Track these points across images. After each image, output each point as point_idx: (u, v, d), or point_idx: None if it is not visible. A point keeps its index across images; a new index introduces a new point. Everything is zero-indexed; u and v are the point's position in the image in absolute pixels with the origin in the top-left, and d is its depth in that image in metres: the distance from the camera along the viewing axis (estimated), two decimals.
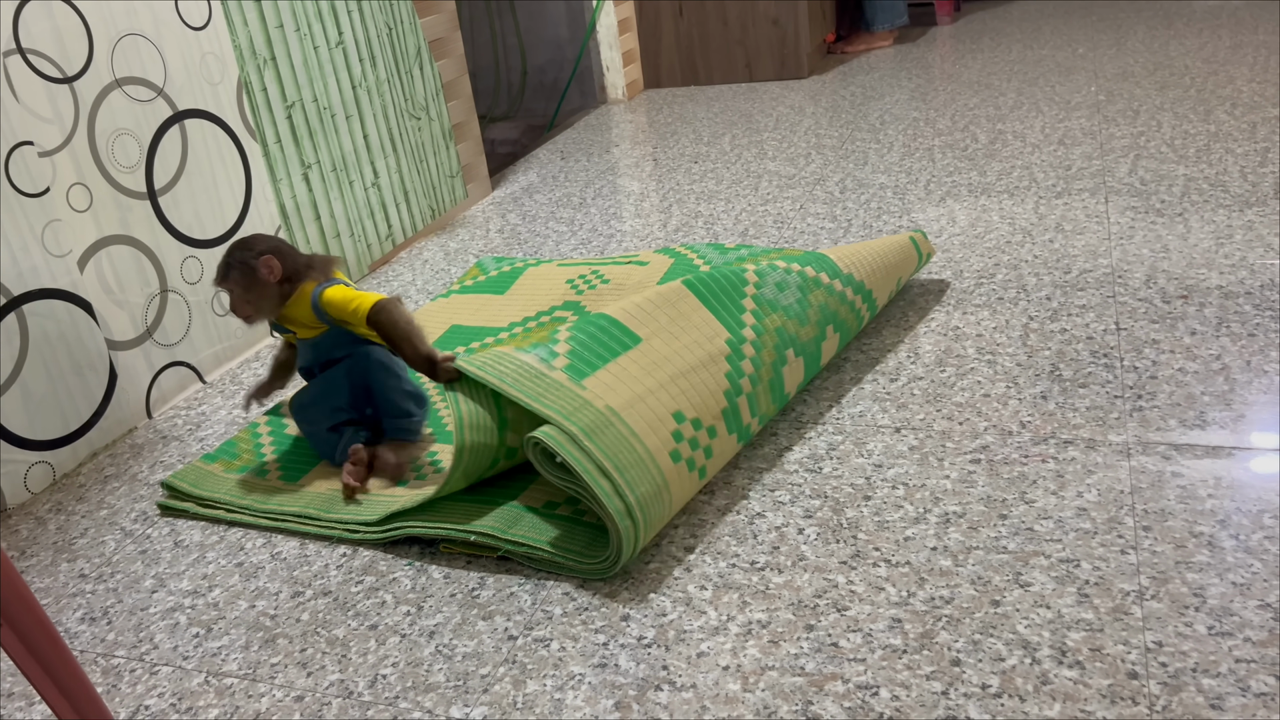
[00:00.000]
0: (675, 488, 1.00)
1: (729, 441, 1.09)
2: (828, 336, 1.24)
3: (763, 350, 1.15)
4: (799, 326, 1.20)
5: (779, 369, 1.16)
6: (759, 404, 1.13)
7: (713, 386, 1.08)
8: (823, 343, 1.24)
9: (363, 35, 1.86)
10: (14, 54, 1.24)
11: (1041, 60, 2.86)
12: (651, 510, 0.96)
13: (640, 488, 0.96)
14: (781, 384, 1.17)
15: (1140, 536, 0.94)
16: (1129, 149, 2.00)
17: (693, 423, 1.04)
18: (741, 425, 1.10)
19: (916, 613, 0.88)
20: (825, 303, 1.25)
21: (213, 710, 0.88)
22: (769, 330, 1.17)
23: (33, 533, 1.20)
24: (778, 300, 1.20)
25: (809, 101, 2.79)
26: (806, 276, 1.25)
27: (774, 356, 1.16)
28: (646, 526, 0.96)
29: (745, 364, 1.12)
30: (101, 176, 1.35)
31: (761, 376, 1.13)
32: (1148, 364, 1.22)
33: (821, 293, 1.25)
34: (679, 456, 1.01)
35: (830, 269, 1.29)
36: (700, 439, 1.04)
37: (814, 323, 1.22)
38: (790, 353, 1.18)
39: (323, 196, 1.77)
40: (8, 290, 1.23)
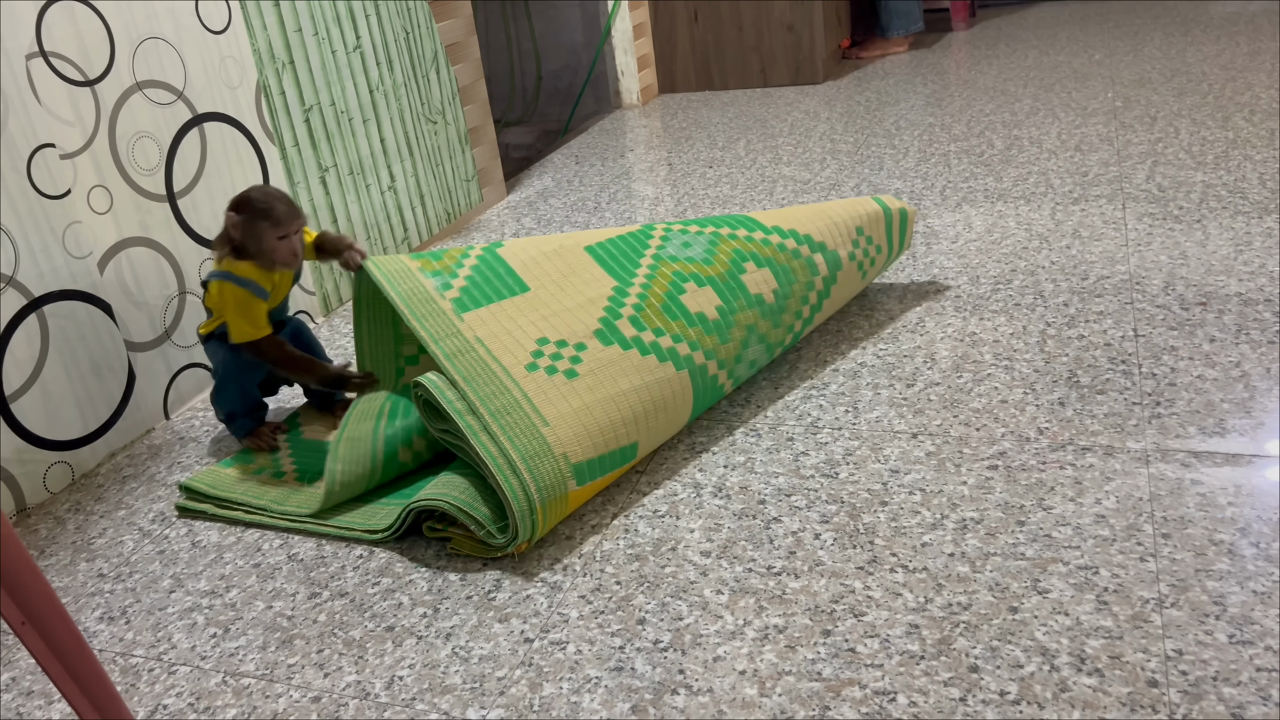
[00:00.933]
0: (532, 391, 1.06)
1: (609, 351, 1.12)
2: (748, 271, 1.26)
3: (652, 288, 1.20)
4: (703, 267, 1.24)
5: (674, 297, 1.20)
6: (647, 322, 1.16)
7: (585, 318, 1.15)
8: (741, 275, 1.25)
9: (380, 40, 1.86)
10: (36, 56, 1.25)
11: (1058, 66, 2.85)
12: (506, 416, 1.04)
13: (493, 400, 1.05)
14: (681, 306, 1.19)
15: (1159, 544, 0.93)
16: (1146, 155, 1.99)
17: (556, 343, 1.12)
18: (623, 338, 1.14)
19: (934, 619, 0.88)
20: (739, 248, 1.28)
21: (230, 710, 0.89)
22: (662, 275, 1.22)
23: (52, 532, 1.21)
24: (679, 255, 1.26)
25: (824, 107, 2.79)
26: (720, 235, 1.30)
27: (666, 290, 1.20)
28: (501, 428, 1.02)
29: (629, 299, 1.18)
30: (122, 179, 1.36)
31: (649, 304, 1.18)
32: (1166, 371, 1.21)
33: (734, 242, 1.29)
34: (535, 368, 1.09)
35: (749, 225, 1.33)
36: (563, 353, 1.11)
37: (723, 262, 1.26)
38: (690, 285, 1.22)
39: (340, 199, 1.78)
40: (29, 291, 1.24)
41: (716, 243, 1.28)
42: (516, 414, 1.04)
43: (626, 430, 1.10)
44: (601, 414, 1.08)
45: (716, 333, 1.20)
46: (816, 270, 1.33)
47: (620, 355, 1.12)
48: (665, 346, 1.16)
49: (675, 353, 1.16)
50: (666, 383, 1.15)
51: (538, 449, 1.03)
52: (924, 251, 1.68)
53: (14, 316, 1.22)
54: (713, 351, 1.20)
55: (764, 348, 1.28)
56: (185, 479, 1.25)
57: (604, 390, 1.09)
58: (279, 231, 1.20)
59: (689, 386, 1.17)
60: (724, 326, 1.21)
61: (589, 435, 1.06)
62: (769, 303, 1.27)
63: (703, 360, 1.19)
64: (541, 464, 1.02)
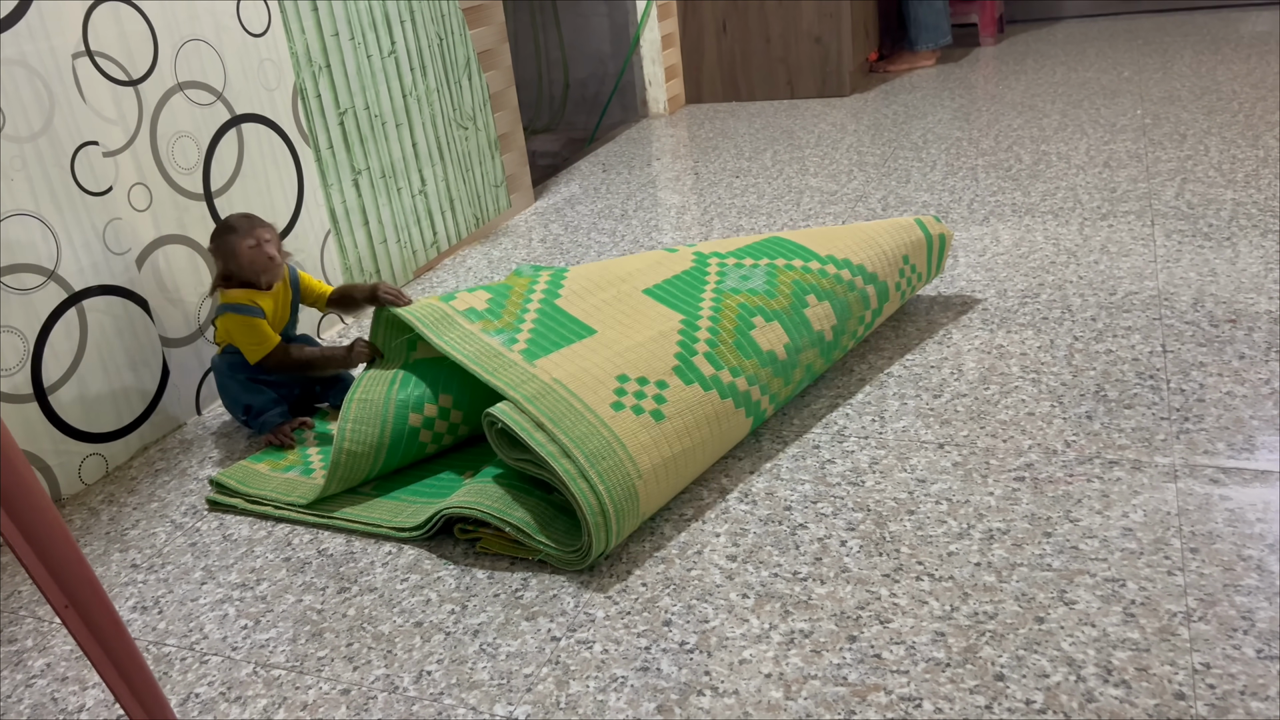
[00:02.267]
0: (624, 434, 1.03)
1: (690, 391, 1.11)
2: (810, 305, 1.26)
3: (721, 320, 1.19)
4: (767, 300, 1.24)
5: (745, 332, 1.19)
6: (724, 359, 1.15)
7: (661, 353, 1.14)
8: (804, 310, 1.25)
9: (414, 45, 1.89)
10: (83, 56, 1.27)
11: (1086, 83, 2.85)
12: (602, 463, 1.00)
13: (587, 444, 1.01)
14: (753, 343, 1.18)
15: (1187, 558, 0.93)
16: (1175, 172, 1.99)
17: (637, 380, 1.09)
18: (703, 376, 1.13)
19: (960, 627, 0.88)
20: (799, 279, 1.28)
21: (261, 700, 0.90)
22: (728, 307, 1.22)
23: (86, 523, 1.22)
24: (740, 287, 1.25)
25: (851, 119, 2.80)
26: (776, 266, 1.30)
27: (735, 324, 1.19)
28: (599, 476, 0.99)
29: (700, 333, 1.17)
30: (161, 177, 1.39)
31: (723, 339, 1.17)
32: (1195, 387, 1.21)
33: (792, 274, 1.29)
34: (621, 406, 1.06)
35: (804, 254, 1.33)
36: (646, 390, 1.09)
37: (785, 295, 1.25)
38: (758, 319, 1.21)
39: (371, 202, 1.80)
40: (69, 285, 1.26)
41: (775, 274, 1.28)
42: (611, 460, 1.01)
43: (696, 472, 1.11)
44: (682, 467, 1.08)
45: (782, 375, 1.20)
46: (868, 304, 1.33)
47: (702, 397, 1.11)
48: (741, 390, 1.15)
49: (748, 397, 1.16)
50: (737, 429, 1.16)
51: (630, 508, 1.01)
52: (951, 264, 1.68)
53: (54, 310, 1.25)
54: (776, 395, 1.20)
55: (811, 376, 1.29)
56: (216, 474, 1.26)
57: (690, 439, 1.08)
58: (246, 240, 1.28)
59: (748, 429, 1.18)
60: (789, 366, 1.21)
61: (666, 491, 1.07)
62: (828, 340, 1.27)
63: (768, 405, 1.20)
64: (628, 523, 1.02)
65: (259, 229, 1.29)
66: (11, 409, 1.20)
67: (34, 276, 1.22)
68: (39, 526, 0.69)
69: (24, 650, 1.01)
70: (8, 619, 1.06)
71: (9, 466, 0.68)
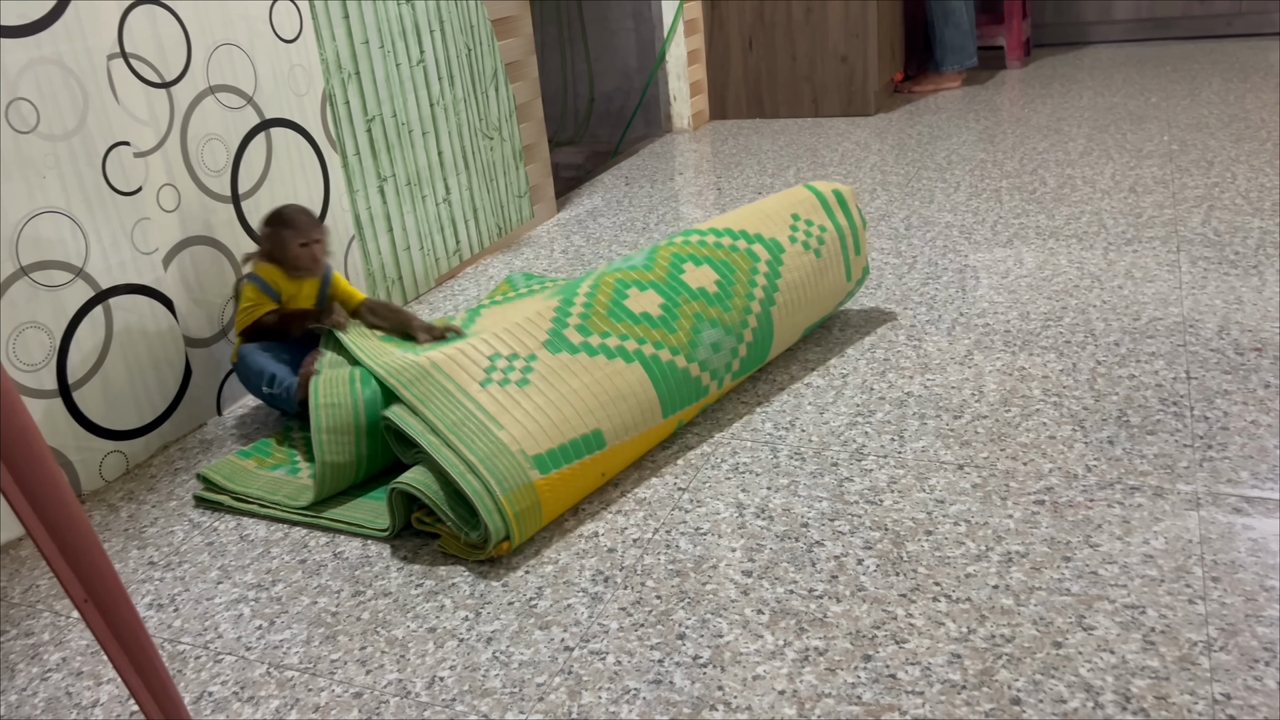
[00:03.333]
0: (485, 402, 1.12)
1: (557, 358, 1.18)
2: (687, 270, 1.32)
3: (596, 296, 1.26)
4: (643, 273, 1.30)
5: (618, 302, 1.25)
6: (594, 327, 1.22)
7: (534, 330, 1.21)
8: (681, 275, 1.31)
9: (443, 55, 1.90)
10: (117, 57, 1.29)
11: (1113, 108, 2.84)
12: (462, 428, 1.09)
13: (448, 415, 1.10)
14: (625, 310, 1.24)
15: (1209, 587, 0.92)
16: (1202, 199, 1.97)
17: (508, 357, 1.17)
18: (571, 344, 1.19)
19: (976, 649, 0.87)
20: (677, 251, 1.34)
21: (274, 701, 0.90)
22: (605, 284, 1.28)
23: (105, 519, 1.23)
24: (620, 266, 1.31)
25: (875, 139, 2.80)
26: (658, 245, 1.36)
27: (610, 297, 1.26)
28: (460, 439, 1.07)
29: (574, 309, 1.24)
30: (190, 179, 1.40)
31: (595, 311, 1.23)
32: (1219, 415, 1.20)
33: (672, 248, 1.35)
34: (489, 382, 1.14)
35: (685, 232, 1.39)
36: (515, 364, 1.17)
37: (662, 266, 1.31)
38: (633, 290, 1.27)
39: (396, 209, 1.82)
40: (97, 283, 1.28)
41: (655, 251, 1.35)
42: (472, 423, 1.10)
43: (584, 420, 1.15)
44: (554, 411, 1.14)
45: (663, 326, 1.25)
46: (757, 257, 1.38)
47: (570, 359, 1.18)
48: (613, 346, 1.21)
49: (624, 350, 1.21)
50: (618, 374, 1.20)
51: (493, 449, 1.08)
52: (973, 285, 1.67)
53: (81, 307, 1.26)
54: (661, 341, 1.24)
55: (722, 330, 1.30)
56: (203, 468, 1.28)
57: (555, 391, 1.15)
58: (300, 238, 1.33)
59: (644, 376, 1.21)
60: (669, 319, 1.27)
61: (544, 430, 1.12)
62: (712, 292, 1.31)
63: (653, 351, 1.23)
64: (499, 462, 1.07)
65: (315, 229, 1.35)
66: (36, 404, 1.22)
67: (62, 273, 1.24)
68: (63, 521, 0.70)
69: (40, 644, 1.01)
70: (25, 613, 1.07)
71: (36, 461, 0.68)
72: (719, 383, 1.30)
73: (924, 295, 1.66)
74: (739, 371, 1.33)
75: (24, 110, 1.18)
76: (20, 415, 0.67)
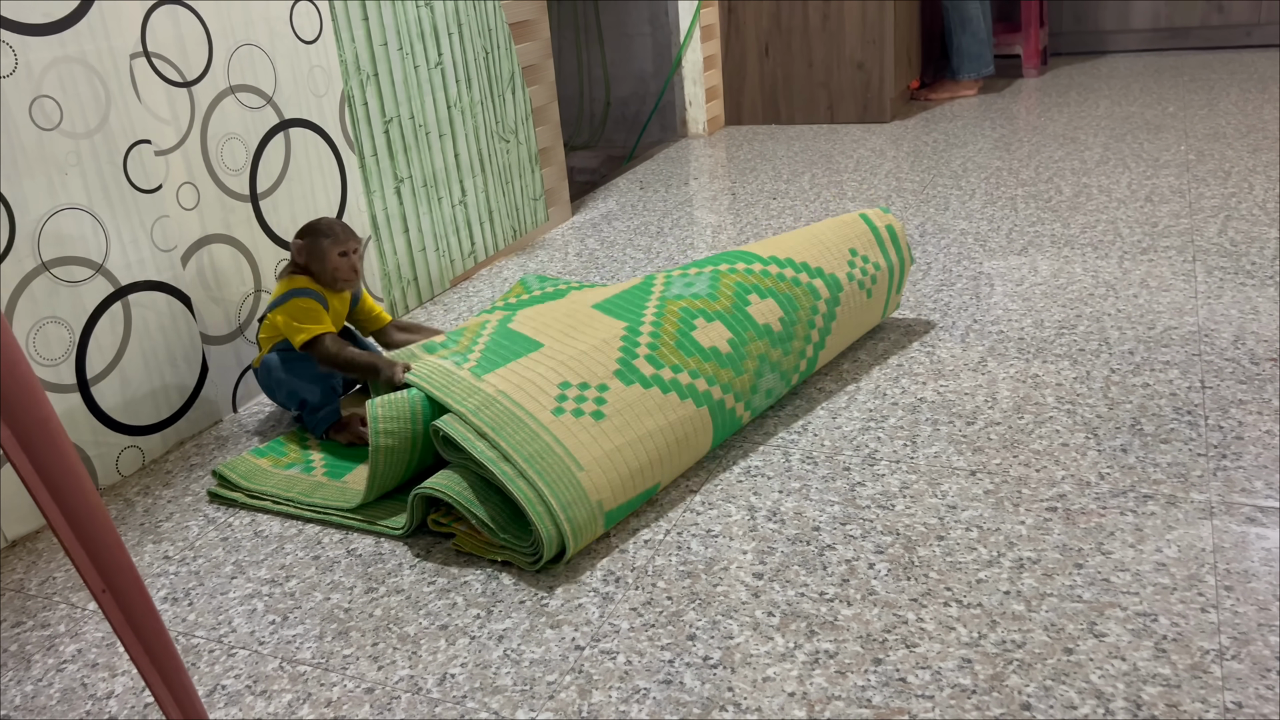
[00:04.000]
0: (562, 435, 1.09)
1: (630, 390, 1.15)
2: (753, 303, 1.30)
3: (663, 325, 1.23)
4: (709, 303, 1.27)
5: (686, 334, 1.23)
6: (664, 359, 1.19)
7: (603, 359, 1.18)
8: (747, 308, 1.29)
9: (461, 58, 1.91)
10: (140, 56, 1.30)
11: (1130, 117, 2.83)
12: (540, 462, 1.05)
13: (526, 448, 1.06)
14: (694, 342, 1.22)
15: (1222, 596, 0.92)
16: (1219, 209, 1.97)
17: (579, 385, 1.14)
18: (643, 376, 1.17)
19: (987, 654, 0.87)
20: (741, 280, 1.32)
21: (286, 695, 0.91)
22: (670, 312, 1.25)
23: (121, 514, 1.24)
24: (684, 294, 1.29)
25: (890, 145, 2.80)
26: (720, 271, 1.33)
27: (677, 327, 1.23)
28: (538, 474, 1.04)
29: (642, 338, 1.21)
30: (210, 177, 1.41)
31: (664, 341, 1.21)
32: (1233, 424, 1.20)
33: (735, 276, 1.32)
34: (561, 411, 1.11)
35: (746, 258, 1.37)
36: (587, 394, 1.13)
37: (727, 296, 1.29)
38: (700, 320, 1.25)
39: (412, 210, 1.83)
40: (116, 280, 1.29)
41: (718, 279, 1.31)
42: (550, 458, 1.06)
43: (653, 471, 1.13)
44: (631, 456, 1.11)
45: (731, 366, 1.23)
46: (818, 295, 1.36)
47: (642, 394, 1.15)
48: (685, 383, 1.18)
49: (694, 389, 1.19)
50: (689, 420, 1.17)
51: (575, 496, 1.05)
52: (988, 292, 1.67)
53: (101, 303, 1.27)
54: (729, 385, 1.22)
55: (778, 375, 1.30)
56: (218, 465, 1.29)
57: (632, 431, 1.12)
58: (339, 248, 1.32)
59: (709, 423, 1.20)
60: (737, 359, 1.24)
61: (620, 481, 1.09)
62: (777, 331, 1.29)
63: (720, 395, 1.21)
64: (578, 512, 1.05)
65: (353, 240, 1.34)
66: (55, 398, 1.23)
67: (83, 269, 1.25)
68: (82, 511, 0.71)
69: (56, 635, 1.02)
70: (41, 604, 1.08)
71: (57, 452, 0.69)
72: (751, 413, 1.29)
73: (938, 302, 1.66)
74: (762, 408, 1.32)
75: (47, 108, 1.20)
76: (42, 406, 0.68)
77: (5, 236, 1.16)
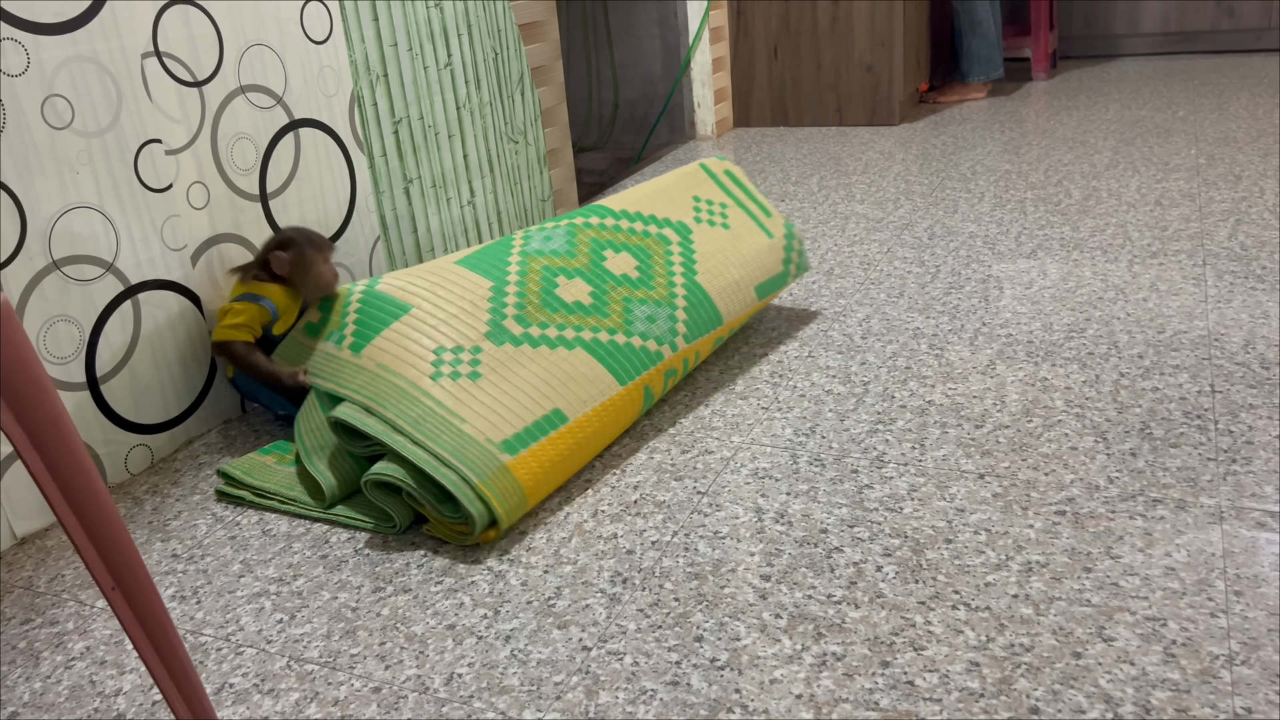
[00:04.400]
0: (442, 397, 1.14)
1: (502, 350, 1.21)
2: (608, 258, 1.38)
3: (527, 284, 1.29)
4: (568, 260, 1.34)
5: (550, 291, 1.29)
6: (531, 318, 1.26)
7: (473, 321, 1.23)
8: (603, 263, 1.36)
9: (470, 59, 1.92)
10: (151, 56, 1.31)
11: (1140, 121, 2.83)
12: (425, 424, 1.11)
13: (408, 412, 1.12)
14: (558, 299, 1.29)
15: (1231, 601, 0.91)
16: (1229, 214, 1.96)
17: (453, 349, 1.19)
18: (513, 336, 1.23)
19: (995, 658, 0.87)
20: (595, 236, 1.40)
21: (293, 694, 0.91)
22: (533, 270, 1.31)
23: (130, 512, 1.25)
24: (544, 249, 1.35)
25: (899, 148, 2.79)
26: (575, 225, 1.40)
27: (540, 286, 1.30)
28: (425, 435, 1.10)
29: (509, 298, 1.26)
30: (220, 177, 1.42)
31: (529, 300, 1.27)
32: (1244, 429, 1.19)
33: (590, 232, 1.40)
34: (439, 375, 1.16)
35: (600, 212, 1.44)
36: (462, 357, 1.19)
37: (584, 253, 1.36)
38: (560, 278, 1.31)
39: (421, 211, 1.83)
40: (126, 278, 1.29)
41: (574, 233, 1.39)
42: (434, 420, 1.12)
43: (540, 404, 1.19)
44: (510, 400, 1.18)
45: (595, 313, 1.31)
46: (668, 240, 1.45)
47: (514, 351, 1.22)
48: (553, 336, 1.26)
49: (564, 339, 1.26)
50: (563, 360, 1.24)
51: (461, 442, 1.11)
52: (996, 295, 1.67)
53: (111, 301, 1.28)
54: (596, 326, 1.30)
55: (651, 305, 1.36)
56: (224, 465, 1.29)
57: (507, 382, 1.19)
58: (324, 256, 1.36)
59: (589, 358, 1.26)
60: (600, 306, 1.32)
61: (504, 418, 1.16)
62: (635, 278, 1.38)
63: (591, 335, 1.28)
64: (468, 452, 1.10)
65: (330, 246, 1.37)
66: (65, 396, 1.23)
67: (93, 268, 1.25)
68: (92, 508, 0.71)
69: (65, 633, 1.03)
70: (50, 602, 1.08)
71: (68, 449, 0.69)
72: (670, 346, 1.35)
73: (946, 305, 1.65)
74: (690, 334, 1.38)
75: (59, 107, 1.20)
76: (53, 403, 0.68)
77: (17, 235, 1.17)
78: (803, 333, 1.60)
